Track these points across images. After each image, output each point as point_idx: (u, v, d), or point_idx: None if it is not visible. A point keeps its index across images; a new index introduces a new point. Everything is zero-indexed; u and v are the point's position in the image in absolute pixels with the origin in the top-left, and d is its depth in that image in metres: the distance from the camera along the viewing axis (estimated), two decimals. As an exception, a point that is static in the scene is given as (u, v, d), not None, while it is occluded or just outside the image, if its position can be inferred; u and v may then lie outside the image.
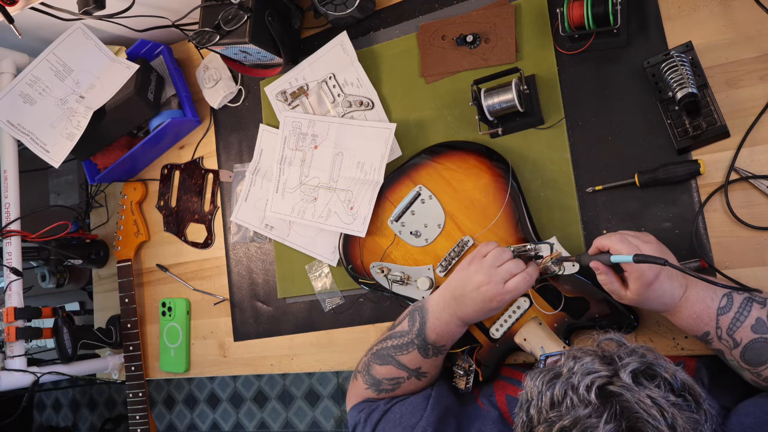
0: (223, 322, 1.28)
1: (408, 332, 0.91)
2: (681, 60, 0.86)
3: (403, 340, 0.91)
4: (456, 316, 0.87)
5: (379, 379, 0.93)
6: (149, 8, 1.20)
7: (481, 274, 0.85)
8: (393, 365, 0.91)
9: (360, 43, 1.16)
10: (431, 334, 0.88)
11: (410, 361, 0.90)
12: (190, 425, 2.74)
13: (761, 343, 0.70)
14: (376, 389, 0.94)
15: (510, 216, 0.96)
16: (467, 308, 0.86)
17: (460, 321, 0.88)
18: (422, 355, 0.90)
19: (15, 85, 1.23)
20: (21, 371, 1.22)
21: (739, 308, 0.72)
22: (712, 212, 0.88)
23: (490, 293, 0.84)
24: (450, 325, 0.88)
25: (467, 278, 0.87)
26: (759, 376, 0.72)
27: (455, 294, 0.87)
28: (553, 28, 1.00)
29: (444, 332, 0.88)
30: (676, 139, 0.90)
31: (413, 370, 0.91)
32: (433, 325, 0.89)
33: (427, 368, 0.91)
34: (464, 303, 0.86)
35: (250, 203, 1.23)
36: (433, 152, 1.04)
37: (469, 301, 0.86)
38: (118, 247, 1.38)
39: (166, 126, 1.27)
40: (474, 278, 0.85)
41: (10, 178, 1.29)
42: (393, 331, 0.94)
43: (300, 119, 1.17)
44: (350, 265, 1.09)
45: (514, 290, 0.84)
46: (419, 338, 0.89)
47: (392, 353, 0.92)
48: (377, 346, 0.94)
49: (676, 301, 0.76)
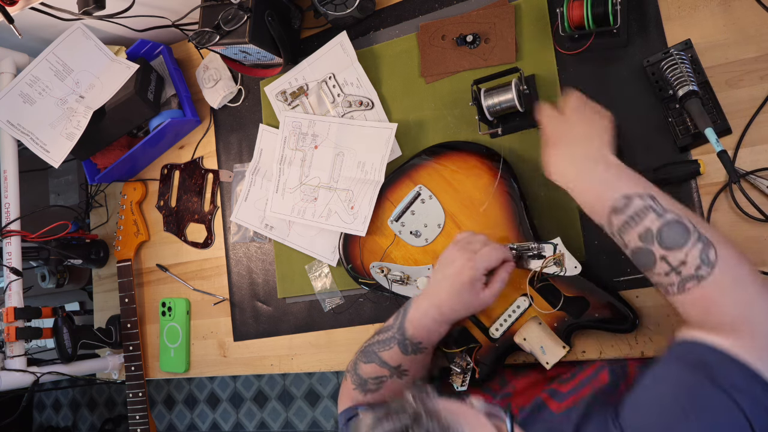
0: (223, 322, 1.28)
1: (391, 327, 0.91)
2: (680, 57, 0.86)
3: (387, 335, 0.91)
4: (433, 304, 0.86)
5: (365, 378, 0.93)
6: (149, 8, 1.20)
7: (453, 251, 0.87)
8: (376, 362, 0.91)
9: (360, 43, 1.16)
10: (409, 327, 0.87)
11: (391, 358, 0.90)
12: (190, 425, 2.74)
13: (645, 253, 0.71)
14: (362, 389, 0.93)
15: (510, 216, 0.96)
16: (442, 292, 0.85)
17: (436, 311, 0.86)
18: (402, 351, 0.89)
19: (15, 85, 1.23)
20: (21, 371, 1.22)
21: (634, 213, 0.72)
22: (713, 212, 0.88)
23: (461, 262, 0.84)
24: (427, 316, 0.86)
25: (442, 261, 0.88)
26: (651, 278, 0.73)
27: (433, 280, 0.88)
28: (553, 28, 1.00)
29: (419, 325, 0.87)
30: (677, 137, 0.90)
31: (394, 368, 0.90)
32: (412, 316, 0.88)
33: (408, 365, 0.90)
34: (440, 287, 0.86)
35: (250, 203, 1.23)
36: (433, 152, 1.04)
37: (443, 282, 0.85)
38: (118, 247, 1.38)
39: (166, 126, 1.27)
40: (447, 257, 0.87)
41: (10, 178, 1.29)
42: (381, 326, 0.93)
43: (300, 119, 1.17)
44: (350, 265, 1.09)
45: (484, 256, 0.85)
46: (399, 332, 0.89)
47: (376, 350, 0.91)
48: (366, 343, 0.94)
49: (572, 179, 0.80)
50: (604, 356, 0.93)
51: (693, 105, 0.84)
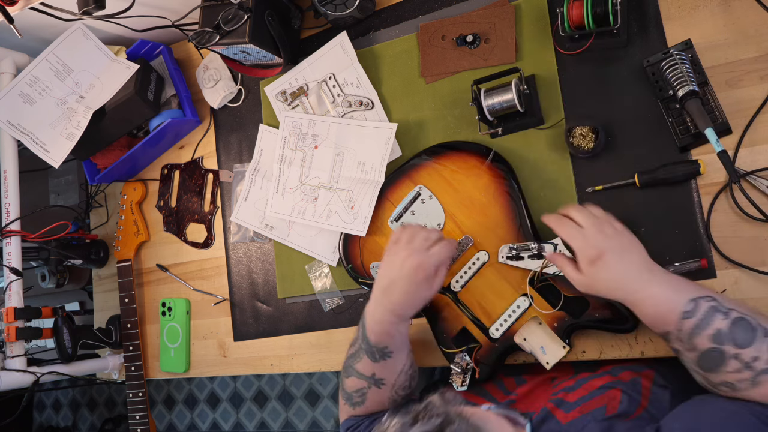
0: (223, 322, 1.28)
1: (357, 339, 0.92)
2: (680, 57, 0.86)
3: (355, 348, 0.92)
4: (387, 309, 0.86)
5: (349, 392, 0.94)
6: (149, 8, 1.20)
7: (402, 251, 0.86)
8: (354, 376, 0.92)
9: (360, 43, 1.16)
10: (371, 336, 0.88)
11: (364, 368, 0.90)
12: (190, 425, 2.74)
13: (717, 353, 0.71)
14: (350, 403, 0.95)
15: (510, 216, 0.96)
16: (396, 293, 0.85)
17: (392, 315, 0.86)
18: (371, 359, 0.89)
19: (15, 85, 1.23)
20: (21, 371, 1.22)
21: (703, 316, 0.73)
22: (713, 212, 0.88)
23: (415, 262, 0.84)
24: (384, 323, 0.87)
25: (389, 263, 0.87)
26: (707, 381, 0.73)
27: (382, 285, 0.87)
28: (553, 28, 1.00)
29: (380, 332, 0.87)
30: (677, 137, 0.90)
31: (370, 378, 0.91)
32: (370, 325, 0.88)
33: (382, 374, 0.90)
34: (393, 289, 0.86)
35: (250, 203, 1.23)
36: (433, 152, 1.04)
37: (397, 282, 0.85)
38: (118, 247, 1.38)
39: (166, 126, 1.27)
40: (395, 259, 0.86)
41: (10, 178, 1.29)
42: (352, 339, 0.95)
43: (300, 119, 1.17)
44: (350, 265, 1.09)
45: (437, 254, 0.85)
46: (364, 342, 0.89)
47: (351, 363, 0.93)
48: (345, 359, 0.95)
49: (636, 291, 0.76)
50: (604, 356, 0.93)
51: (693, 105, 0.84)
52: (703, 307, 0.73)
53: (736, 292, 0.86)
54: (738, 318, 0.71)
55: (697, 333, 0.72)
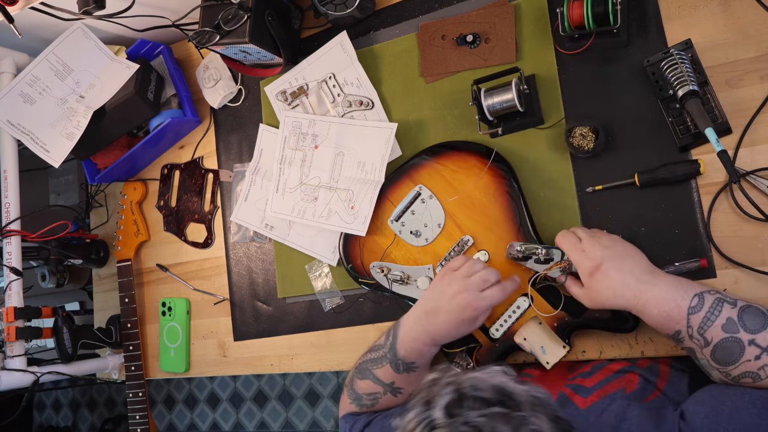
0: (223, 321, 1.28)
1: (383, 346, 0.92)
2: (680, 57, 0.86)
3: (379, 354, 0.92)
4: (426, 331, 0.87)
5: (360, 393, 0.94)
6: (149, 8, 1.20)
7: (456, 284, 0.85)
8: (370, 379, 0.92)
9: (360, 43, 1.16)
10: (401, 350, 0.88)
11: (384, 376, 0.91)
12: (190, 425, 2.74)
13: (731, 342, 0.71)
14: (357, 404, 0.95)
15: (510, 216, 0.96)
16: (439, 322, 0.86)
17: (429, 338, 0.87)
18: (394, 369, 0.90)
19: (15, 84, 1.23)
20: (21, 371, 1.22)
21: (710, 308, 0.73)
22: (713, 211, 0.88)
23: (466, 300, 0.84)
24: (418, 341, 0.87)
25: (441, 290, 0.87)
26: (728, 376, 0.72)
27: (427, 308, 0.87)
28: (553, 27, 1.00)
29: (412, 349, 0.88)
30: (677, 137, 0.90)
31: (388, 385, 0.91)
32: (403, 340, 0.88)
33: (401, 384, 0.91)
34: (437, 316, 0.86)
35: (250, 203, 1.23)
36: (433, 152, 1.04)
37: (443, 313, 0.85)
38: (118, 247, 1.38)
39: (166, 126, 1.27)
40: (448, 289, 0.86)
41: (10, 178, 1.29)
42: (373, 344, 0.95)
43: (300, 119, 1.17)
44: (350, 265, 1.09)
45: (490, 298, 0.85)
46: (391, 352, 0.90)
47: (370, 366, 0.93)
48: (361, 359, 0.95)
49: (637, 296, 0.77)
50: (604, 356, 0.93)
51: (693, 105, 0.84)
52: (709, 300, 0.73)
53: (736, 292, 0.86)
54: (746, 305, 0.72)
55: (708, 325, 0.72)
